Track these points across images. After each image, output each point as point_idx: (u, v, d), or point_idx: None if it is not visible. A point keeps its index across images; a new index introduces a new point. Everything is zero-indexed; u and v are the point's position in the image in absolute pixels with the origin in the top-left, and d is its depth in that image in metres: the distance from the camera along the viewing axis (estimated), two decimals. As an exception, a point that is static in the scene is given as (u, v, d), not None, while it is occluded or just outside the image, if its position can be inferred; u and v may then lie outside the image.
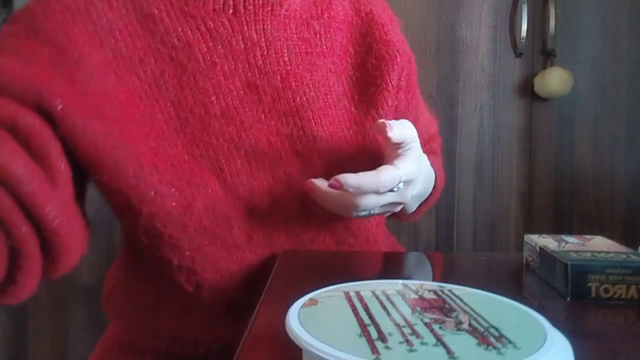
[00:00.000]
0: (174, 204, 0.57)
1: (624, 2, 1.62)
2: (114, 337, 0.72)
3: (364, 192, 0.55)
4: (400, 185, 0.56)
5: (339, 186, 0.53)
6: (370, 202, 0.56)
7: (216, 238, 0.60)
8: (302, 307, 0.35)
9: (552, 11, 1.59)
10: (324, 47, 0.68)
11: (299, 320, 0.33)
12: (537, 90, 1.60)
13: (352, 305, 0.36)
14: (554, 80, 1.57)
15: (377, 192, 0.55)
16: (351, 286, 0.41)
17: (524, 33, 1.59)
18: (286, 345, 0.32)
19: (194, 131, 0.60)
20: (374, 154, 0.67)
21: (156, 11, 0.60)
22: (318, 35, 0.68)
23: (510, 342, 0.30)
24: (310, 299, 0.37)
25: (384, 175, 0.55)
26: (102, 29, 0.57)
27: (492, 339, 0.31)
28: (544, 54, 1.63)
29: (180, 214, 0.57)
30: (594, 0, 1.62)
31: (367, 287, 0.40)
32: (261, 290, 0.50)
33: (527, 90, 1.64)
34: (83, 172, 0.56)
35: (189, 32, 0.60)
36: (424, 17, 1.60)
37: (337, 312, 0.35)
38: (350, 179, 0.53)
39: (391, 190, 0.56)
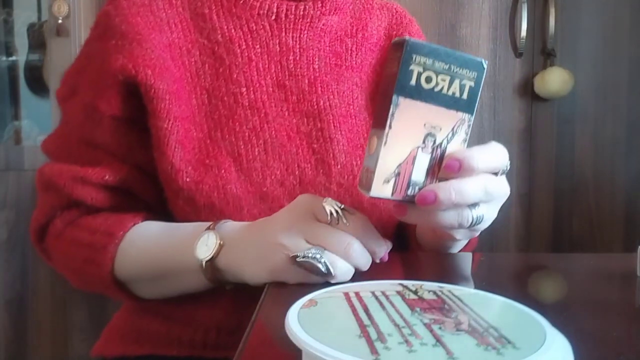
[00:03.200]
0: (187, 179, 0.63)
1: (624, 3, 1.62)
2: (116, 326, 0.74)
3: (484, 166, 0.48)
4: (507, 166, 0.51)
5: (458, 165, 0.46)
6: (489, 184, 0.48)
7: (224, 216, 0.62)
8: (301, 308, 0.35)
9: (552, 11, 1.59)
10: (354, 62, 0.75)
11: (299, 321, 0.33)
12: (537, 90, 1.60)
13: (352, 306, 0.36)
14: (554, 80, 1.57)
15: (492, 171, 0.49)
16: (350, 287, 0.41)
17: (524, 33, 1.59)
18: (286, 346, 0.32)
19: (221, 117, 0.66)
20: None
21: (207, 11, 0.69)
22: (349, 51, 0.75)
23: (509, 342, 0.30)
24: (310, 300, 0.37)
25: (495, 148, 0.49)
26: (161, 20, 0.66)
27: (491, 339, 0.31)
28: (544, 54, 1.63)
29: (191, 189, 0.63)
30: (594, 0, 1.62)
31: (366, 288, 0.40)
32: None
33: (527, 90, 1.64)
34: None
35: (233, 31, 0.69)
36: (424, 17, 1.60)
37: (337, 312, 0.35)
38: (470, 152, 0.47)
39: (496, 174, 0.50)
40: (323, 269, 0.46)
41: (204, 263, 0.55)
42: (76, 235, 0.66)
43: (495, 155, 0.49)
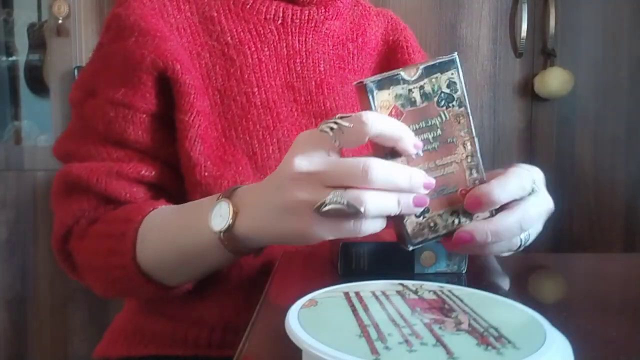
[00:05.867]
0: (206, 174, 0.63)
1: (624, 2, 1.62)
2: (119, 327, 0.74)
3: (507, 197, 0.46)
4: (536, 186, 0.49)
5: (479, 202, 0.46)
6: (524, 215, 0.47)
7: None
8: (302, 307, 0.35)
9: (552, 11, 1.59)
10: (355, 65, 0.78)
11: (299, 321, 0.33)
12: (537, 90, 1.60)
13: (352, 305, 0.36)
14: (554, 80, 1.57)
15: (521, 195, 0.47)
16: (351, 287, 0.41)
17: (524, 33, 1.59)
18: (286, 346, 0.32)
19: (234, 117, 0.67)
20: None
21: (215, 14, 0.70)
22: (351, 55, 0.78)
23: (509, 342, 0.30)
24: (310, 300, 0.37)
25: (512, 175, 0.47)
26: (170, 25, 0.68)
27: (491, 339, 0.31)
28: (544, 54, 1.63)
29: (210, 184, 0.63)
30: (594, 0, 1.62)
31: (366, 288, 0.40)
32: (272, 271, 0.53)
33: (527, 90, 1.64)
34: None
35: (242, 33, 0.70)
36: (424, 17, 1.60)
37: (337, 312, 0.35)
38: (488, 187, 0.46)
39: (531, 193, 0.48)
40: (350, 210, 0.41)
41: (221, 235, 0.51)
42: (97, 229, 0.65)
43: (516, 181, 0.47)
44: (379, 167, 0.42)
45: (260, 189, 0.51)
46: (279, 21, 0.72)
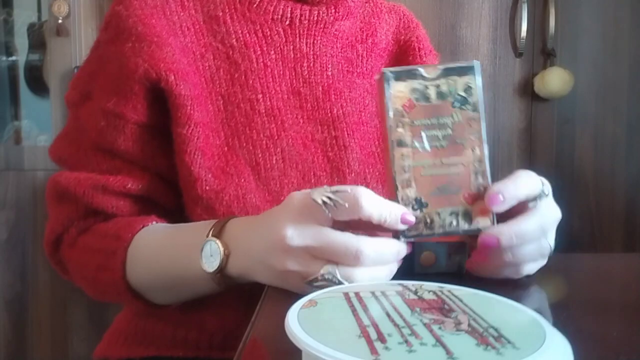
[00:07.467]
0: (207, 188, 0.62)
1: (624, 2, 1.62)
2: (119, 328, 0.73)
3: (524, 193, 0.47)
4: (546, 189, 0.49)
5: (499, 199, 0.46)
6: (547, 216, 0.49)
7: None
8: (301, 308, 0.35)
9: (552, 11, 1.59)
10: (364, 69, 0.74)
11: (299, 321, 0.33)
12: (537, 90, 1.60)
13: (352, 306, 0.36)
14: (554, 80, 1.57)
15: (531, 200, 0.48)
16: (350, 287, 0.41)
17: (524, 33, 1.59)
18: (286, 347, 0.32)
19: (238, 124, 0.65)
20: None
21: (221, 14, 0.68)
22: (360, 58, 0.75)
23: (509, 342, 0.30)
24: (310, 300, 0.37)
25: (522, 175, 0.48)
26: (173, 24, 0.65)
27: (491, 339, 0.31)
28: (544, 54, 1.63)
29: (211, 198, 0.62)
30: (594, 0, 1.62)
31: (366, 288, 0.40)
32: None
33: (527, 90, 1.64)
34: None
35: (247, 35, 0.68)
36: (424, 17, 1.60)
37: (337, 313, 0.35)
38: (503, 184, 0.46)
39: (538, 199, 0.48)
40: (341, 284, 0.44)
41: (213, 275, 0.53)
42: (88, 242, 0.65)
43: (526, 178, 0.48)
44: (370, 250, 0.44)
45: (252, 236, 0.51)
46: (287, 22, 0.69)
